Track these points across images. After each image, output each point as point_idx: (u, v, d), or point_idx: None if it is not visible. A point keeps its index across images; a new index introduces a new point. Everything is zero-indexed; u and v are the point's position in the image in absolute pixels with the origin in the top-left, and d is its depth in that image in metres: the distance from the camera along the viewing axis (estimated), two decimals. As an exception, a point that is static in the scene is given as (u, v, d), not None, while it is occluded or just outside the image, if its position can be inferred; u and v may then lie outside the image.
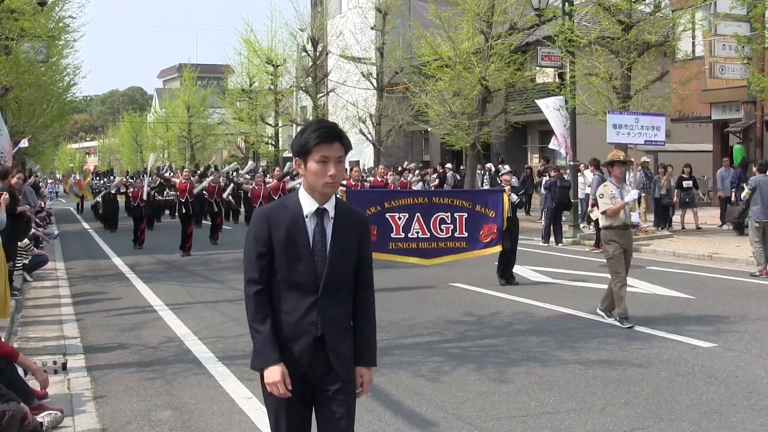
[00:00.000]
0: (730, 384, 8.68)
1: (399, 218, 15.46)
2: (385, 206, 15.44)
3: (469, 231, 15.81)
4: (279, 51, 52.37)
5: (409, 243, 15.62)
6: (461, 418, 7.69)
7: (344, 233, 4.61)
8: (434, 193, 20.44)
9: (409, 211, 15.56)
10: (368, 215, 14.54)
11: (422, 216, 15.58)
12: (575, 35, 25.69)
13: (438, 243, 15.74)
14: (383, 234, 15.34)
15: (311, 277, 4.57)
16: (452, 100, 33.92)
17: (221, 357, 10.30)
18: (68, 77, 38.08)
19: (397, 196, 16.11)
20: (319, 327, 4.60)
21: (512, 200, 16.15)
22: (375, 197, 15.98)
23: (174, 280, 18.05)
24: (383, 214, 15.38)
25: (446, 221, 15.72)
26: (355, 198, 15.55)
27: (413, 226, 15.52)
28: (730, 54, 24.79)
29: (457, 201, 16.02)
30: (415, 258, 15.93)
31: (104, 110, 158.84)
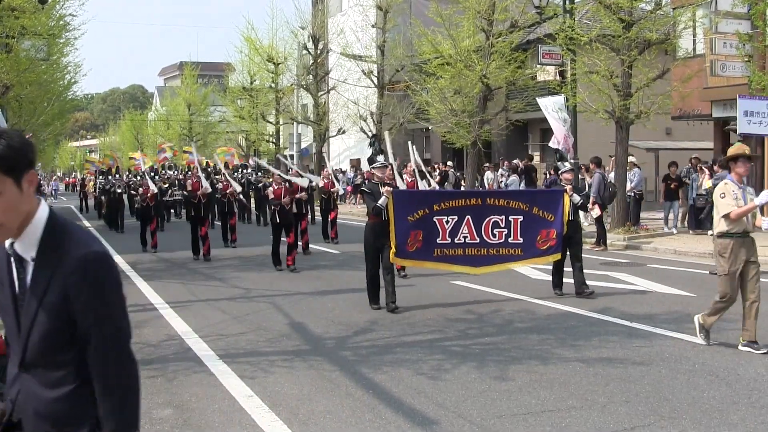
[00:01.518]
0: (731, 382, 8.69)
1: (447, 222, 13.63)
2: (434, 208, 13.63)
3: (524, 236, 13.92)
4: (280, 49, 52.38)
5: (455, 249, 13.75)
6: (462, 416, 7.69)
7: (42, 285, 3.18)
8: (488, 193, 18.47)
9: (459, 213, 13.70)
10: (415, 219, 13.40)
11: (473, 219, 13.73)
12: (576, 33, 25.66)
13: (489, 249, 13.91)
14: (428, 240, 13.58)
15: (17, 341, 3.30)
16: (453, 98, 33.92)
17: (222, 355, 10.30)
18: (69, 75, 38.10)
19: (448, 198, 14.18)
20: (15, 411, 3.33)
21: (574, 201, 14.31)
22: (424, 198, 14.15)
23: (175, 278, 18.05)
24: (431, 218, 13.58)
25: (500, 225, 13.85)
26: (401, 199, 13.61)
27: (461, 230, 13.68)
28: (731, 52, 24.74)
29: (513, 202, 14.07)
30: (462, 266, 14.14)
31: (105, 108, 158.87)
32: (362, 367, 9.59)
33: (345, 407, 8.04)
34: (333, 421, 7.63)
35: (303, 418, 7.73)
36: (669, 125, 35.87)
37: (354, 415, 7.80)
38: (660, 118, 28.20)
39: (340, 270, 18.80)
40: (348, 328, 12.05)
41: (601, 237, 22.50)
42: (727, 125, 28.50)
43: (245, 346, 10.89)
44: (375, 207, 13.15)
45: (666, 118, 30.67)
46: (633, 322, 11.91)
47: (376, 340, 11.25)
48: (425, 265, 14.19)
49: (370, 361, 9.87)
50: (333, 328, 12.08)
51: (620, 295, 14.29)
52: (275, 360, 10.03)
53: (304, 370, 9.54)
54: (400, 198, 13.59)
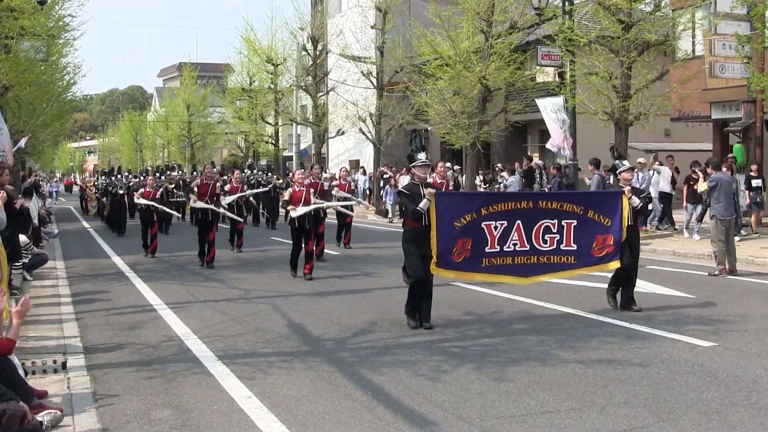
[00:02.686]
0: (730, 383, 8.68)
1: (495, 227, 12.20)
2: (482, 212, 12.14)
3: (579, 242, 12.60)
4: (279, 50, 52.42)
5: (504, 258, 12.34)
6: (461, 417, 7.69)
7: None
8: (540, 195, 16.36)
9: (509, 218, 12.28)
10: (462, 225, 11.95)
11: (523, 224, 12.34)
12: (575, 34, 25.68)
13: (540, 257, 12.52)
14: (477, 249, 12.13)
15: None
16: (452, 99, 33.91)
17: (221, 356, 10.30)
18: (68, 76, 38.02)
19: (496, 200, 12.62)
20: None
21: (633, 205, 12.97)
22: (470, 201, 12.74)
23: (174, 279, 18.05)
24: (479, 223, 12.09)
25: (551, 230, 12.49)
26: (445, 202, 12.10)
27: (511, 237, 12.28)
28: (730, 53, 24.77)
29: (567, 205, 12.67)
30: (511, 277, 12.63)
31: (104, 109, 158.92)
32: (361, 368, 9.59)
33: (344, 408, 8.03)
34: (332, 422, 7.63)
35: (302, 419, 7.73)
36: (668, 126, 35.88)
37: (353, 416, 7.80)
38: (659, 120, 28.22)
39: (339, 271, 18.78)
40: (347, 329, 12.05)
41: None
42: (726, 126, 28.51)
43: (244, 347, 10.89)
44: (414, 210, 11.75)
45: (665, 120, 30.67)
46: (632, 324, 11.91)
47: (375, 341, 11.25)
48: (473, 277, 12.91)
49: (369, 362, 9.87)
50: (332, 329, 12.07)
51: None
52: (274, 361, 10.03)
53: (302, 371, 9.54)
54: (443, 201, 12.13)
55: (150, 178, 25.16)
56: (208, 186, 20.78)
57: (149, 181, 24.92)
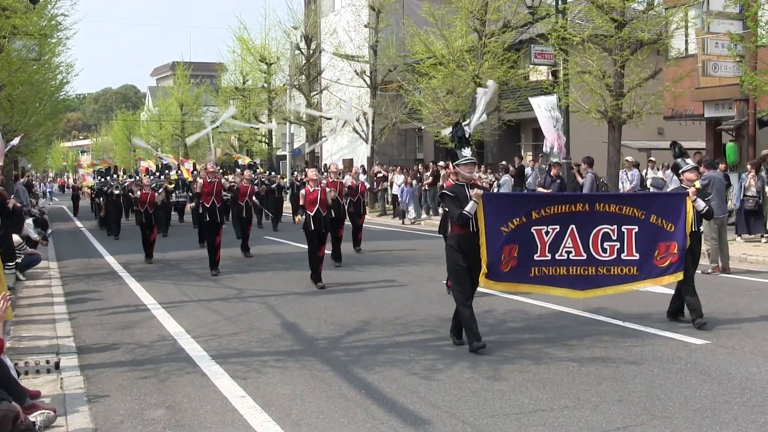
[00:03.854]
0: (723, 381, 8.70)
1: (546, 233, 10.91)
2: (533, 216, 10.85)
3: (640, 251, 11.30)
4: (272, 49, 52.43)
5: (557, 267, 11.02)
6: (455, 415, 7.69)
7: None
8: (597, 197, 13.74)
9: (562, 222, 10.98)
10: (509, 230, 10.63)
11: (578, 229, 11.05)
12: (568, 33, 25.69)
13: (598, 268, 11.21)
14: (525, 256, 10.85)
15: None
16: (446, 98, 33.96)
17: (214, 356, 10.29)
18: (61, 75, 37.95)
19: (547, 203, 11.21)
20: None
21: (698, 208, 11.74)
22: (520, 203, 11.32)
23: (167, 279, 18.02)
24: (528, 228, 10.80)
25: (611, 237, 11.19)
26: (493, 205, 10.73)
27: (564, 244, 11.01)
28: (723, 52, 24.80)
29: (627, 208, 11.33)
30: (564, 289, 11.23)
31: (97, 108, 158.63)
32: (355, 367, 9.59)
33: (337, 407, 8.03)
34: (325, 421, 7.63)
35: (295, 418, 7.72)
36: (661, 125, 35.91)
37: (347, 415, 7.80)
38: (652, 118, 28.25)
39: (332, 270, 18.77)
40: (341, 328, 12.05)
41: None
42: (719, 125, 28.55)
43: (238, 347, 10.88)
44: (461, 215, 10.31)
45: (658, 118, 30.71)
46: (625, 322, 11.93)
47: (368, 340, 11.25)
48: (520, 288, 11.60)
49: (363, 361, 9.87)
50: (326, 328, 12.07)
51: (612, 295, 14.24)
52: (268, 360, 10.02)
53: (296, 370, 9.53)
54: (491, 203, 10.76)
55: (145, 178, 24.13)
56: (213, 185, 19.09)
57: (144, 181, 23.47)
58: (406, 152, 52.76)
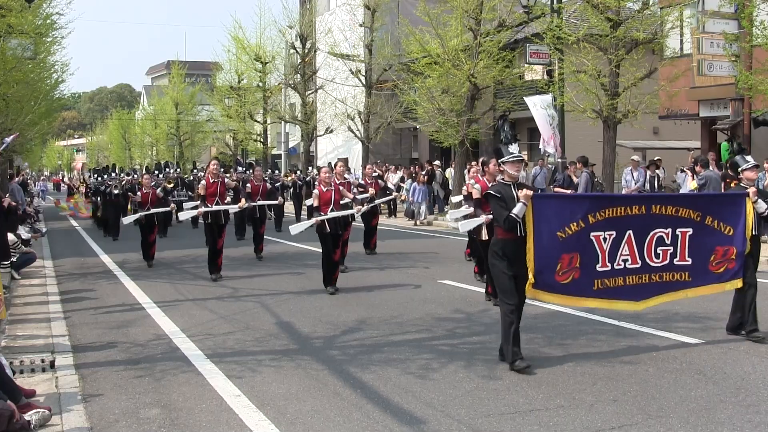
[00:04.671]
0: (718, 380, 8.71)
1: (604, 239, 9.86)
2: (590, 220, 9.75)
3: (694, 256, 10.44)
4: (267, 48, 52.36)
5: (616, 278, 10.01)
6: (450, 415, 7.69)
7: None
8: (653, 198, 12.05)
9: (619, 227, 9.95)
10: (567, 236, 9.61)
11: (635, 234, 10.05)
12: (564, 32, 25.72)
13: (652, 275, 10.27)
14: (587, 267, 9.77)
15: None
16: (441, 98, 33.96)
17: (210, 354, 10.28)
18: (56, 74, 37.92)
19: (604, 205, 10.03)
20: None
21: (759, 210, 10.84)
22: (575, 206, 10.01)
23: (162, 278, 18.01)
24: (587, 234, 9.74)
25: (665, 241, 10.27)
26: (545, 207, 9.67)
27: (621, 251, 9.98)
28: (718, 51, 24.85)
29: (683, 210, 10.41)
30: (625, 302, 10.22)
31: (92, 107, 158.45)
32: (350, 366, 9.59)
33: (333, 406, 8.03)
34: (321, 420, 7.63)
35: (291, 417, 7.72)
36: (656, 125, 35.96)
37: (342, 414, 7.80)
38: (647, 118, 28.28)
39: (328, 269, 18.75)
40: (336, 327, 12.04)
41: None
42: (714, 124, 28.59)
43: (233, 346, 10.88)
44: (508, 218, 9.35)
45: (653, 118, 30.76)
46: (620, 321, 11.93)
47: (364, 339, 11.25)
48: (582, 302, 10.20)
49: (358, 361, 9.87)
50: (321, 327, 12.07)
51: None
52: (263, 359, 10.02)
53: (291, 369, 9.53)
54: (542, 205, 9.67)
55: (146, 176, 23.01)
56: (216, 185, 18.01)
57: (145, 180, 22.34)
58: (401, 151, 52.77)
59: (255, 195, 21.64)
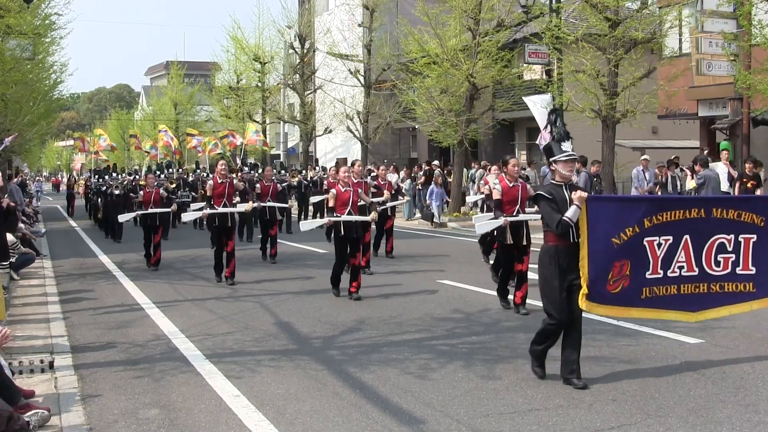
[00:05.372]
0: (718, 380, 8.70)
1: (659, 245, 8.98)
2: (645, 225, 8.88)
3: (758, 264, 9.47)
4: (266, 48, 52.37)
5: (669, 287, 9.13)
6: (449, 415, 7.69)
7: None
8: (714, 201, 11.14)
9: (676, 231, 9.08)
10: (622, 242, 8.74)
11: (692, 239, 9.16)
12: (562, 32, 25.72)
13: (711, 285, 9.35)
14: (637, 274, 8.89)
15: None
16: (440, 97, 33.96)
17: (209, 355, 10.28)
18: (55, 74, 38.02)
19: (661, 208, 9.11)
20: None
21: None
22: (630, 209, 9.08)
23: (161, 278, 17.99)
24: (641, 239, 8.87)
25: (726, 248, 9.37)
26: (600, 210, 8.82)
27: (677, 258, 9.11)
28: (717, 51, 24.85)
29: (746, 214, 9.45)
30: (677, 312, 9.32)
31: (91, 108, 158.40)
32: (349, 366, 9.59)
33: (332, 406, 8.03)
34: (320, 420, 7.62)
35: (290, 417, 7.72)
36: (655, 124, 35.96)
37: (341, 414, 7.79)
38: (646, 117, 28.28)
39: (326, 270, 18.70)
40: (335, 327, 12.04)
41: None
42: (713, 124, 28.60)
43: (232, 346, 10.87)
44: (561, 222, 8.58)
45: (652, 117, 30.76)
46: (620, 321, 11.89)
47: (363, 339, 11.24)
48: (629, 313, 9.18)
49: (357, 361, 9.86)
50: (320, 327, 12.06)
51: None
52: (262, 359, 10.02)
53: (290, 369, 9.53)
54: (597, 208, 8.83)
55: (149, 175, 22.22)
56: (224, 185, 17.17)
57: (149, 179, 21.43)
58: (400, 151, 52.78)
59: (265, 196, 20.54)
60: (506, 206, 12.89)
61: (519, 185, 13.11)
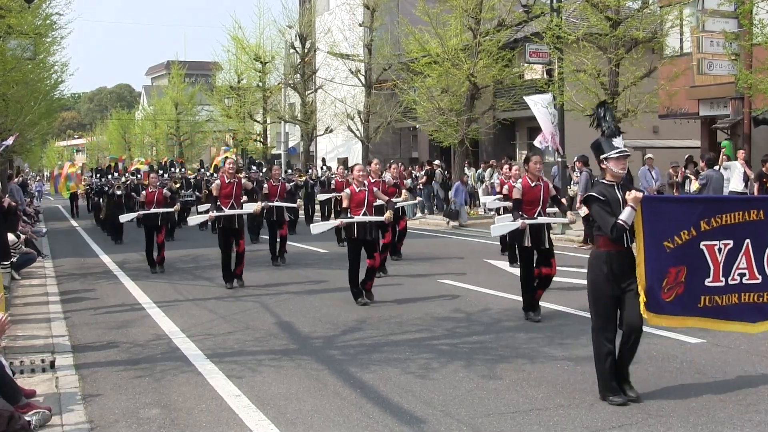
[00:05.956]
0: (719, 380, 8.70)
1: (719, 249, 8.20)
2: (702, 227, 8.12)
3: None
4: (267, 48, 52.34)
5: (729, 295, 8.29)
6: (450, 414, 7.69)
7: None
8: None
9: (735, 235, 8.26)
10: (676, 246, 8.02)
11: (753, 244, 8.31)
12: (563, 32, 25.71)
13: None
14: (694, 281, 8.14)
15: None
16: (440, 97, 33.97)
17: (210, 354, 10.28)
18: (56, 74, 37.95)
19: (719, 209, 8.28)
20: None
21: None
22: (686, 211, 8.26)
23: (162, 278, 17.99)
24: (697, 243, 8.12)
25: None
26: (655, 212, 8.07)
27: (737, 263, 8.28)
28: (718, 50, 24.82)
29: None
30: (737, 323, 8.45)
31: (92, 107, 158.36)
32: (350, 366, 9.59)
33: (333, 406, 8.03)
34: (321, 420, 7.62)
35: (291, 417, 7.72)
36: (656, 124, 35.91)
37: (342, 414, 7.79)
38: (647, 117, 28.26)
39: (327, 269, 18.75)
40: (336, 327, 12.04)
41: (590, 235, 22.43)
42: (714, 123, 28.59)
43: (233, 346, 10.87)
44: (616, 225, 7.92)
45: (653, 117, 30.74)
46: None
47: (363, 339, 11.24)
48: (686, 323, 8.40)
49: (358, 360, 9.86)
50: (320, 327, 12.06)
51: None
52: (263, 359, 10.02)
53: (291, 369, 9.53)
54: (653, 209, 8.11)
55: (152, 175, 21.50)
56: (232, 185, 16.60)
57: (151, 179, 20.77)
58: (400, 151, 52.75)
59: (273, 196, 19.74)
60: (527, 207, 12.44)
61: (541, 185, 12.66)
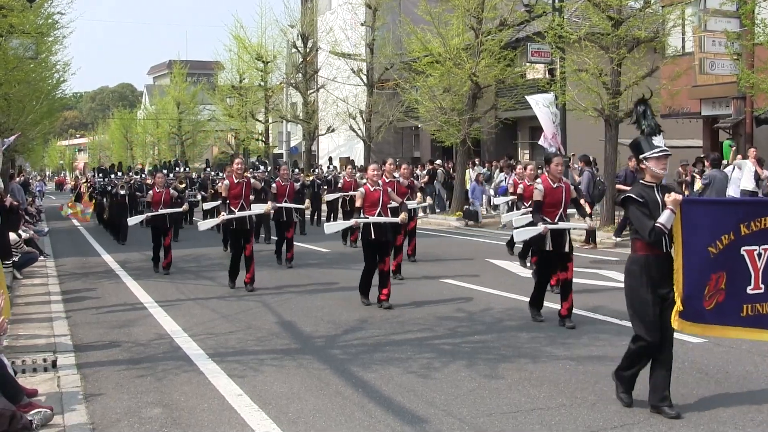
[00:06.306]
0: (720, 379, 8.70)
1: (759, 255, 7.70)
2: (742, 231, 7.62)
3: None
4: (269, 47, 52.34)
5: None
6: (452, 414, 7.69)
7: None
8: None
9: None
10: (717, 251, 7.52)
11: None
12: (565, 31, 25.68)
13: None
14: (735, 288, 7.65)
15: None
16: (442, 96, 33.94)
17: (212, 354, 10.28)
18: (58, 74, 37.99)
19: (759, 212, 7.75)
20: None
21: None
22: (727, 213, 7.82)
23: (164, 277, 17.99)
24: (737, 248, 7.62)
25: None
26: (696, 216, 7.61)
27: None
28: (720, 50, 24.82)
29: None
30: None
31: (94, 107, 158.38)
32: (352, 365, 9.59)
33: (334, 406, 8.03)
34: (322, 419, 7.62)
35: (292, 416, 7.72)
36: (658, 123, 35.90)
37: (343, 413, 7.79)
38: (648, 117, 28.17)
39: (329, 268, 18.76)
40: (337, 326, 12.04)
41: (591, 235, 22.45)
42: (716, 123, 28.58)
43: (235, 345, 10.87)
44: (655, 229, 7.55)
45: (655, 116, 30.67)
46: (623, 320, 11.86)
47: (365, 338, 11.24)
48: (727, 333, 7.94)
49: (360, 360, 9.86)
50: (322, 326, 12.06)
51: (610, 293, 14.26)
52: (265, 359, 10.02)
53: (293, 368, 9.53)
54: (694, 212, 7.66)
55: (159, 175, 21.05)
56: (241, 185, 16.09)
57: (158, 179, 20.30)
58: (402, 150, 52.75)
59: (281, 196, 19.15)
60: (547, 209, 12.06)
61: (563, 186, 12.25)
